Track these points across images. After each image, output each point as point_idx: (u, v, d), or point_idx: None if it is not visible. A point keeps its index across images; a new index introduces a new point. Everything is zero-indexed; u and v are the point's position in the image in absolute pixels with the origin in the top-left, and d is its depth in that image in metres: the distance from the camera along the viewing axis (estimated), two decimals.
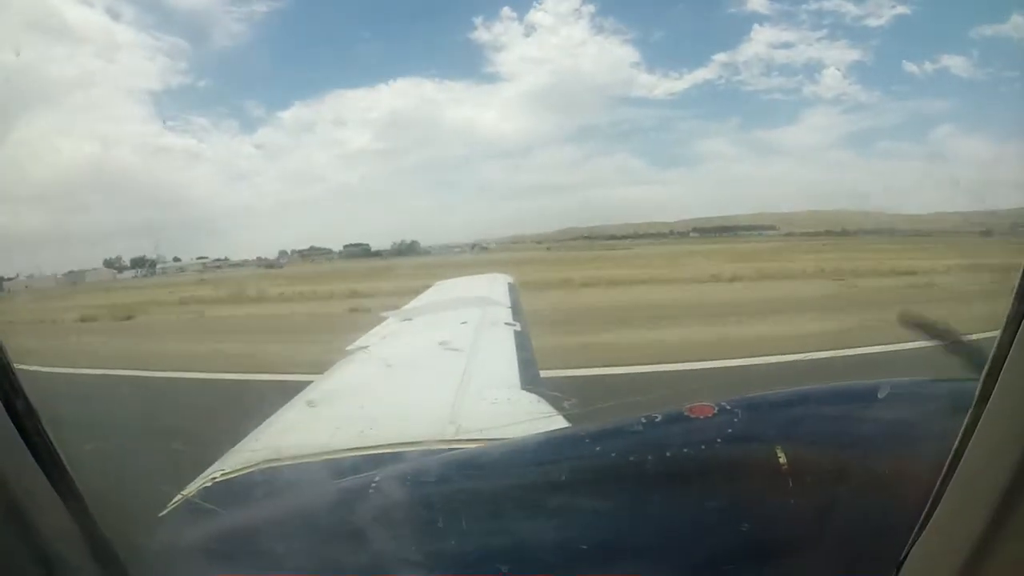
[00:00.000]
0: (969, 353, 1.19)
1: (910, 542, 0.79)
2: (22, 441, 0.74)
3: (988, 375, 0.68)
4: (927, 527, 0.75)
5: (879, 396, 1.18)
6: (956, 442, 0.71)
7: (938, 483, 0.73)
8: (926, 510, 0.75)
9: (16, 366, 0.77)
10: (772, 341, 7.26)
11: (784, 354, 5.81)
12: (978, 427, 0.68)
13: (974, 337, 1.18)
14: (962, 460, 0.70)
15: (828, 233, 25.33)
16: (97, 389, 6.43)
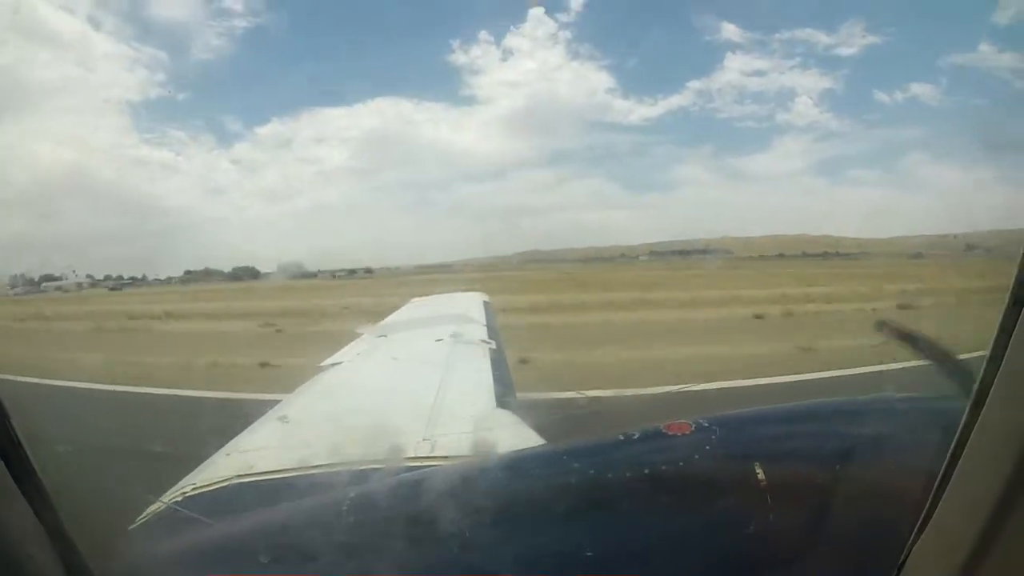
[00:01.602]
0: (949, 369, 1.23)
1: (907, 548, 0.80)
2: None
3: (982, 380, 0.70)
4: (923, 534, 0.76)
5: (855, 411, 1.22)
6: (951, 448, 0.73)
7: (932, 491, 0.75)
8: (922, 516, 0.76)
9: None
10: (619, 366, 7.53)
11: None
12: (973, 431, 0.70)
13: (955, 352, 1.23)
14: (958, 465, 0.71)
15: (781, 256, 26.09)
16: None
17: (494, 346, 3.32)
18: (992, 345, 0.69)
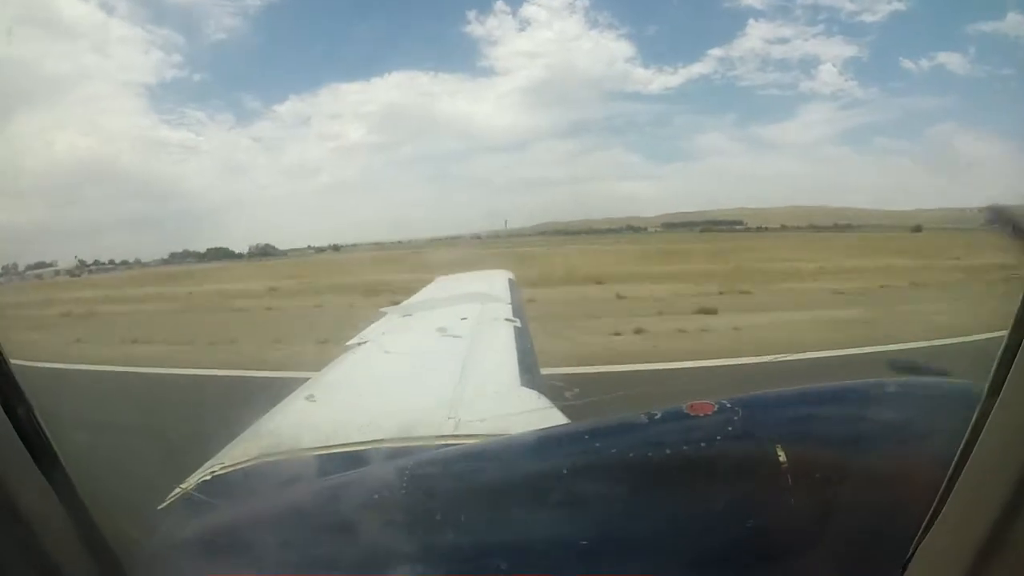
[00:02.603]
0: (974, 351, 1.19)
1: (917, 540, 0.78)
2: (17, 435, 0.73)
3: (997, 372, 0.67)
4: (934, 525, 0.75)
5: (880, 395, 1.18)
6: (964, 439, 0.71)
7: (945, 481, 0.73)
8: (933, 508, 0.75)
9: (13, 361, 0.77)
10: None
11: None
12: (987, 424, 0.68)
13: (978, 337, 1.18)
14: (971, 457, 0.69)
15: (796, 228, 25.33)
16: None
17: (519, 324, 3.31)
18: (1010, 330, 0.66)
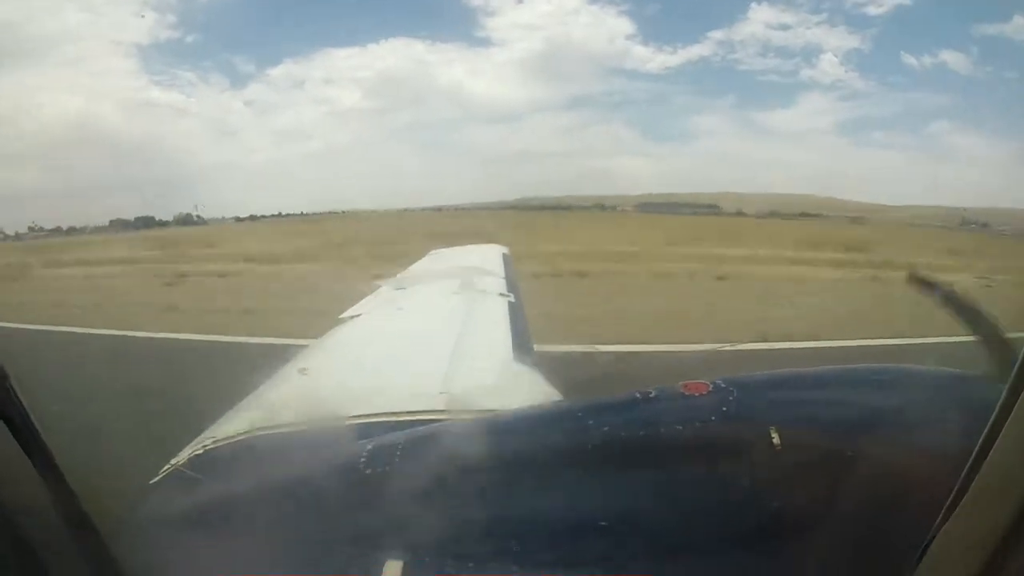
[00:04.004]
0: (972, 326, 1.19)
1: (933, 530, 0.77)
2: None
3: (1021, 367, 0.66)
4: (951, 519, 0.73)
5: (884, 382, 1.18)
6: (985, 431, 0.70)
7: (966, 469, 0.71)
8: (951, 499, 0.73)
9: None
10: None
11: None
12: (1011, 416, 0.66)
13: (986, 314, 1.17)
14: (992, 450, 0.68)
15: (773, 215, 25.31)
16: None
17: (512, 299, 3.30)
18: None
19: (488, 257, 4.72)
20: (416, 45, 30.91)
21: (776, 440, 1.03)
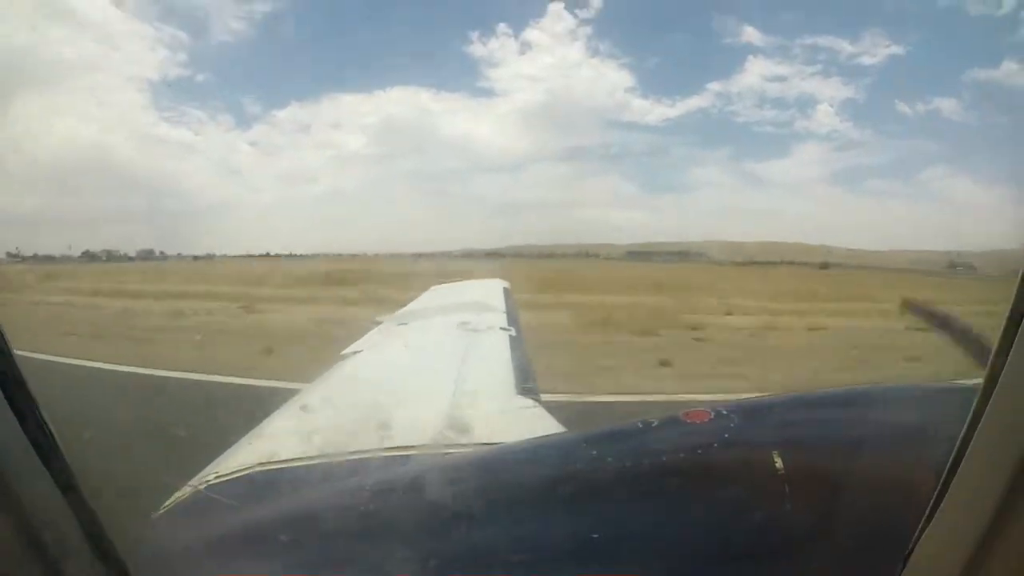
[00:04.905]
0: (968, 350, 1.22)
1: (916, 535, 0.80)
2: (21, 430, 0.72)
3: (990, 373, 0.70)
4: (932, 521, 0.77)
5: (876, 399, 1.22)
6: (959, 438, 0.73)
7: (942, 478, 0.75)
8: (931, 505, 0.77)
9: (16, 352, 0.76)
10: None
11: None
12: (981, 422, 0.70)
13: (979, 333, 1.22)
14: (965, 455, 0.72)
15: (752, 263, 25.57)
16: None
17: (514, 333, 3.31)
18: (1001, 332, 0.69)
19: (489, 291, 4.75)
20: (421, 94, 31.88)
21: (779, 464, 1.04)
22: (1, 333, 0.75)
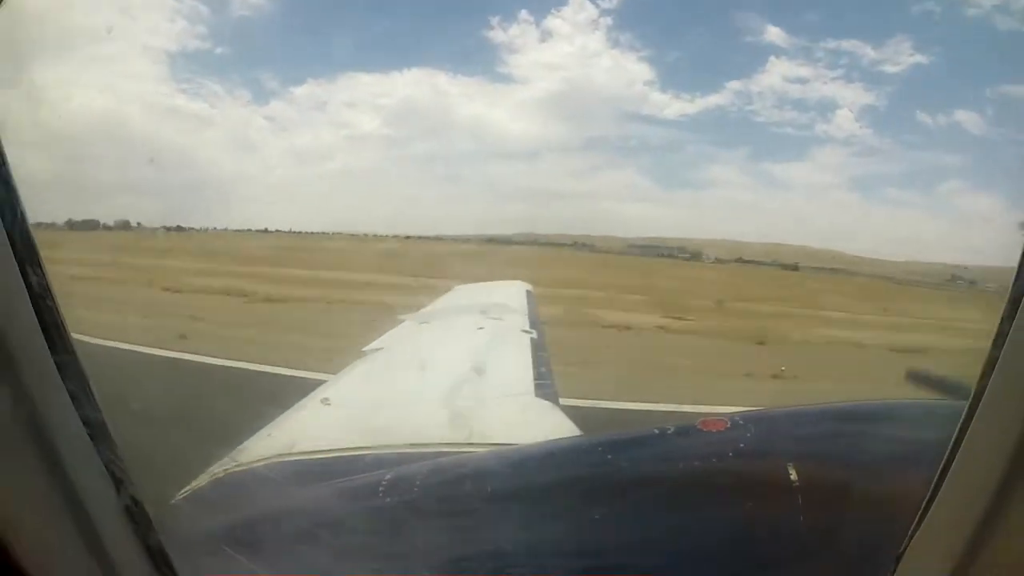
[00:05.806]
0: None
1: (907, 538, 0.82)
2: (74, 409, 0.73)
3: (975, 391, 0.72)
4: (923, 524, 0.80)
5: (885, 413, 1.27)
6: (950, 445, 0.77)
7: (933, 483, 0.78)
8: (921, 508, 0.80)
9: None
10: None
11: None
12: (969, 429, 0.73)
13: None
14: (955, 461, 0.75)
15: (740, 260, 25.00)
16: None
17: (535, 336, 3.30)
18: (991, 346, 0.71)
19: (512, 294, 4.75)
20: (439, 76, 31.88)
21: (792, 473, 1.05)
22: (59, 316, 0.74)
